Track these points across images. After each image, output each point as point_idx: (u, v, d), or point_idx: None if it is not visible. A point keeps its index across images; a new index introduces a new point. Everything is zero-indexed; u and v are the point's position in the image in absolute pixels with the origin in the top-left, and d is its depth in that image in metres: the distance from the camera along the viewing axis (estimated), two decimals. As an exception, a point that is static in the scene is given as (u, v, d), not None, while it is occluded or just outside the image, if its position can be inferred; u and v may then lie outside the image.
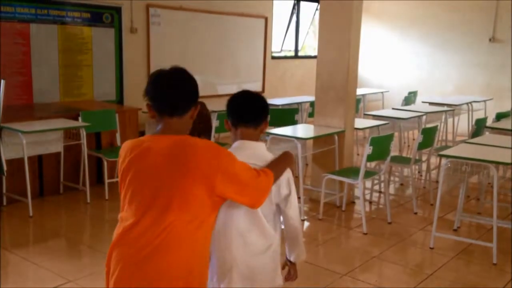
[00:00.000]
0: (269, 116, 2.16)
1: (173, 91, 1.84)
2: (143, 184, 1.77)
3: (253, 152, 2.03)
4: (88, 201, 5.06)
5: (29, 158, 4.68)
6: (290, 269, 2.29)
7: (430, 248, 4.21)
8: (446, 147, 6.04)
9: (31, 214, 4.63)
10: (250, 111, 2.10)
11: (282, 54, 9.84)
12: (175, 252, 1.72)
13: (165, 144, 1.78)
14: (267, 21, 9.02)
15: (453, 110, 7.41)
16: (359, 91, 7.89)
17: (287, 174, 2.07)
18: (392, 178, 6.09)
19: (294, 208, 2.11)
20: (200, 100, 2.01)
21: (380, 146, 4.59)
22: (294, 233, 2.17)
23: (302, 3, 9.88)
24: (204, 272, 1.85)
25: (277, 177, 1.98)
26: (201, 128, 2.37)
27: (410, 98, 8.45)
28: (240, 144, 2.06)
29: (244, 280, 2.04)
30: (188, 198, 1.72)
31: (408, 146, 7.92)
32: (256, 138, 2.11)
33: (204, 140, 1.85)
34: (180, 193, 1.72)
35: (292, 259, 2.24)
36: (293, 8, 9.78)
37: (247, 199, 1.86)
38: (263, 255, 2.07)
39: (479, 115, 7.00)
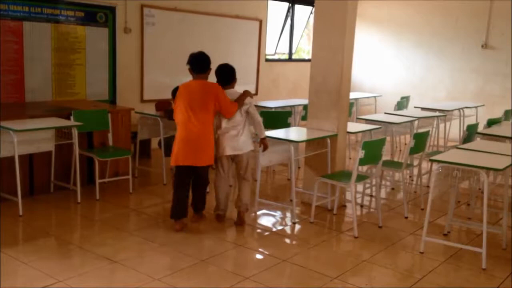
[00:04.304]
0: (236, 81, 4.66)
1: (201, 61, 4.41)
2: (192, 101, 4.30)
3: (228, 94, 4.47)
4: (79, 201, 5.04)
5: (20, 156, 4.65)
6: (262, 144, 4.61)
7: (420, 252, 4.23)
8: (438, 152, 6.07)
9: (21, 213, 4.60)
10: (226, 81, 4.57)
11: (276, 57, 9.85)
12: (207, 130, 4.34)
13: (199, 84, 4.37)
14: (261, 24, 9.03)
15: (445, 115, 7.46)
16: (352, 95, 7.92)
17: (249, 99, 4.52)
18: (383, 182, 6.12)
19: (254, 112, 4.54)
20: None
21: (372, 150, 4.61)
22: (258, 124, 4.56)
23: (296, 6, 9.90)
24: (213, 139, 4.42)
25: (239, 104, 4.43)
26: None
27: (402, 103, 8.49)
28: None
29: (232, 149, 4.48)
30: (209, 106, 4.30)
31: (400, 150, 7.95)
32: (232, 87, 4.58)
33: (214, 83, 4.43)
34: (206, 104, 4.29)
35: (261, 136, 4.59)
36: (288, 11, 9.80)
37: (224, 112, 4.38)
38: (239, 139, 4.48)
39: (471, 121, 7.04)
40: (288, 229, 4.77)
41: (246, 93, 4.54)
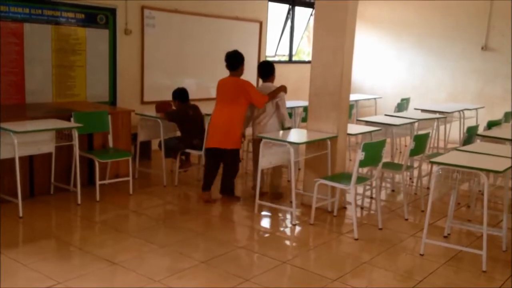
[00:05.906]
0: (274, 75, 5.58)
1: (232, 59, 5.18)
2: (223, 94, 5.18)
3: (265, 87, 5.44)
4: (79, 202, 5.04)
5: (20, 158, 4.65)
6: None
7: (420, 254, 4.22)
8: (438, 154, 6.06)
9: (21, 214, 4.60)
10: (264, 76, 5.54)
11: (276, 58, 9.85)
12: (235, 119, 5.15)
13: (230, 80, 5.19)
14: (261, 26, 9.04)
15: (445, 117, 7.45)
16: (352, 97, 7.92)
17: (282, 94, 5.36)
18: (383, 184, 6.12)
19: (281, 104, 5.36)
20: (193, 103, 5.92)
21: (372, 152, 4.61)
22: (282, 115, 5.38)
23: (297, 8, 9.91)
24: (241, 127, 5.25)
25: (270, 97, 5.24)
26: (177, 118, 5.83)
27: (402, 105, 8.49)
28: (261, 85, 5.57)
29: (259, 132, 5.28)
30: (238, 99, 5.11)
31: (400, 152, 7.95)
32: (270, 81, 5.51)
33: (244, 79, 5.17)
34: (235, 97, 5.11)
35: (284, 126, 5.41)
36: (288, 13, 9.81)
37: (256, 102, 5.14)
38: (265, 127, 5.31)
39: (471, 122, 7.05)
40: (288, 231, 4.77)
41: (281, 88, 5.34)
